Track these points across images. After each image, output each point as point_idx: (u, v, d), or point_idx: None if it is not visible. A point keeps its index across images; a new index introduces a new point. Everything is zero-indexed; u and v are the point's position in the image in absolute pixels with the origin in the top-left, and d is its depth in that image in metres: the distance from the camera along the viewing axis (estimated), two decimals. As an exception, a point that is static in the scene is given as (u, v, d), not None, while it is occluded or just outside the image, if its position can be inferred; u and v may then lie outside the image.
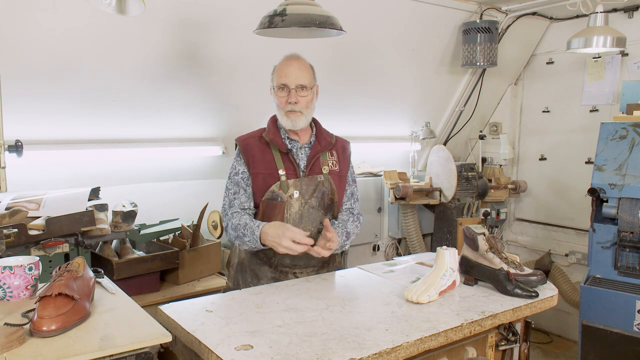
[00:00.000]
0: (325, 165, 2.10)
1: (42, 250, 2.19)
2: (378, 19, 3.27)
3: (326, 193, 2.08)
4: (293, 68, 2.02)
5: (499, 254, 1.90)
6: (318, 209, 2.07)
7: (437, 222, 3.94)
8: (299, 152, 2.09)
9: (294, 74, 2.01)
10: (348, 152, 2.22)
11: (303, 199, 2.04)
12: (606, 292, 2.68)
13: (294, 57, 2.07)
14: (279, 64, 2.06)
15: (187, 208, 3.09)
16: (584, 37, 2.89)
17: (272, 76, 2.08)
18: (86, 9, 2.30)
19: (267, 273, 2.08)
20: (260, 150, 2.06)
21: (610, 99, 3.66)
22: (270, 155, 2.05)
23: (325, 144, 2.12)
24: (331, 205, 2.11)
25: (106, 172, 2.84)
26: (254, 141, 2.09)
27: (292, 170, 2.04)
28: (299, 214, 2.04)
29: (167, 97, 2.85)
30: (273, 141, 2.05)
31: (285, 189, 2.02)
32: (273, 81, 2.07)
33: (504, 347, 1.82)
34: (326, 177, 2.08)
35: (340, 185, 2.14)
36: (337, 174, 2.13)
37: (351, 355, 1.33)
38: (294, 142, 2.09)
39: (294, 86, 2.01)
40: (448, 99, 4.14)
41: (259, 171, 2.04)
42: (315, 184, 2.06)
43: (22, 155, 2.10)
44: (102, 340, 1.29)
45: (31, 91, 2.46)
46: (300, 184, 2.03)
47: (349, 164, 2.22)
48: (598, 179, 2.83)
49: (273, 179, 2.02)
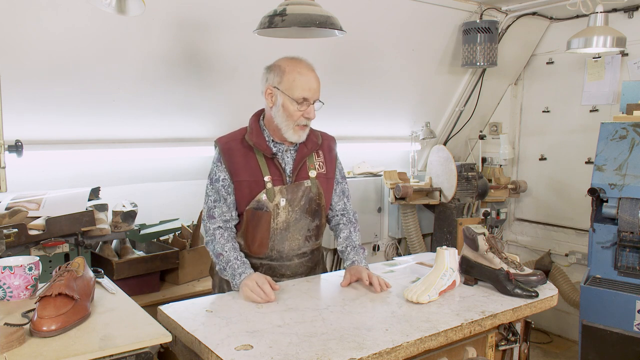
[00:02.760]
0: (312, 169, 1.98)
1: (42, 250, 2.19)
2: (378, 19, 3.27)
3: (313, 198, 1.97)
4: (314, 81, 1.88)
5: (499, 254, 1.90)
6: (305, 215, 1.97)
7: (437, 222, 3.94)
8: (285, 155, 1.96)
9: (316, 88, 1.89)
10: (334, 150, 2.09)
11: (290, 207, 1.93)
12: (606, 292, 2.68)
13: (310, 66, 1.92)
14: (295, 72, 1.87)
15: (187, 208, 3.09)
16: (584, 37, 2.88)
17: (281, 80, 1.88)
18: (86, 9, 2.30)
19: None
20: (243, 155, 1.92)
21: (610, 99, 3.66)
22: (254, 160, 1.92)
23: (311, 145, 2.00)
24: (318, 210, 2.00)
25: (106, 172, 2.84)
26: (236, 144, 1.94)
27: (277, 175, 1.92)
28: (285, 223, 1.94)
29: (167, 97, 2.85)
30: (257, 145, 1.92)
31: (272, 197, 1.90)
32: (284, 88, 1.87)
33: (504, 347, 1.82)
34: (313, 182, 1.97)
35: (327, 188, 2.03)
36: (324, 176, 2.02)
37: (351, 355, 1.33)
38: (278, 145, 1.96)
39: (313, 101, 1.88)
40: (448, 99, 4.14)
41: (243, 179, 1.91)
42: (302, 190, 1.95)
43: (22, 155, 2.10)
44: (102, 340, 1.29)
45: (31, 91, 2.46)
46: (287, 191, 1.92)
47: (336, 162, 2.10)
48: (598, 179, 2.83)
49: (259, 186, 1.90)
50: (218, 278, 2.09)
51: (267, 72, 1.95)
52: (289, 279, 2.00)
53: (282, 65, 1.90)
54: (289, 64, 1.90)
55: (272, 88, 1.92)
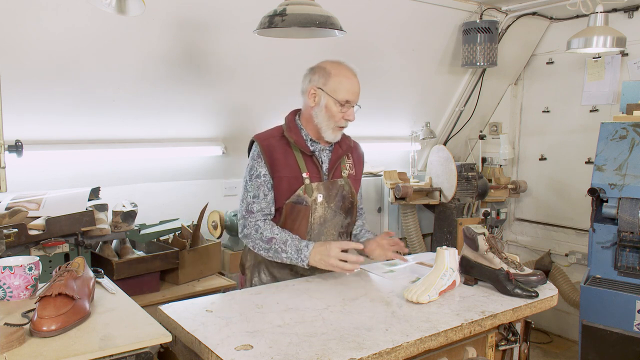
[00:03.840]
0: (344, 169, 2.11)
1: (42, 250, 2.19)
2: (378, 19, 3.27)
3: (346, 196, 2.08)
4: (357, 86, 1.98)
5: (499, 254, 1.90)
6: (340, 212, 2.07)
7: (437, 222, 3.94)
8: (321, 154, 2.06)
9: (358, 92, 1.98)
10: (362, 156, 2.23)
11: (326, 203, 2.02)
12: (606, 292, 2.68)
13: (354, 72, 2.00)
14: (342, 75, 1.96)
15: (187, 208, 3.09)
16: (584, 37, 2.88)
17: (327, 82, 1.95)
18: (86, 9, 2.30)
19: (287, 276, 2.05)
20: (283, 152, 2.00)
21: (610, 99, 3.66)
22: (292, 157, 2.00)
23: (345, 147, 2.11)
24: (351, 209, 2.11)
25: (106, 172, 2.84)
26: (275, 142, 2.02)
27: (315, 173, 2.01)
28: (322, 217, 2.03)
29: (167, 97, 2.85)
30: (297, 143, 2.00)
31: (310, 192, 1.99)
32: (329, 89, 1.94)
33: (504, 347, 1.82)
34: (346, 181, 2.09)
35: (356, 189, 2.15)
36: (354, 177, 2.14)
37: (351, 355, 1.33)
38: (316, 144, 2.06)
39: (354, 104, 1.98)
40: (448, 99, 4.14)
41: (284, 175, 1.99)
42: (337, 188, 2.05)
43: (22, 155, 2.09)
44: (102, 340, 1.29)
45: (31, 91, 2.46)
46: (324, 187, 2.02)
47: (363, 167, 2.23)
48: (598, 179, 2.83)
49: (297, 182, 1.99)
50: (250, 273, 2.12)
51: (310, 73, 2.03)
52: (320, 274, 2.05)
53: (327, 68, 1.98)
54: (334, 67, 1.98)
55: (315, 89, 1.98)
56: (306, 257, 1.88)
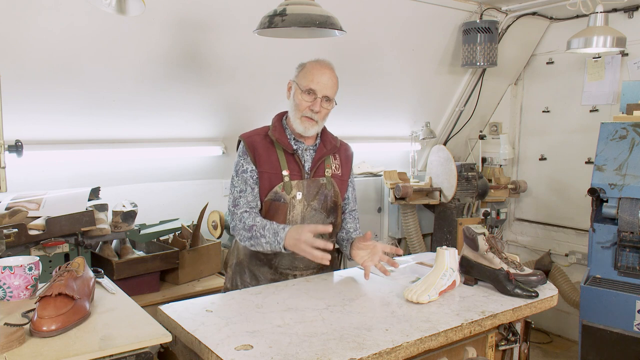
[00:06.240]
0: (328, 168, 2.09)
1: (42, 250, 2.19)
2: (378, 19, 3.27)
3: (329, 196, 2.07)
4: (326, 77, 1.98)
5: (499, 254, 1.90)
6: (320, 211, 2.06)
7: (437, 222, 3.94)
8: (304, 153, 2.07)
9: (325, 83, 1.97)
10: (350, 157, 2.21)
11: (306, 201, 2.02)
12: (606, 292, 2.68)
13: (328, 65, 2.02)
14: (311, 66, 2.00)
15: (187, 208, 3.09)
16: (584, 37, 2.89)
17: (298, 73, 2.02)
18: (86, 9, 2.30)
19: (267, 274, 2.07)
20: (265, 149, 2.03)
21: (610, 99, 3.66)
22: (274, 155, 2.03)
23: (330, 147, 2.11)
24: (334, 209, 2.10)
25: (106, 172, 2.84)
26: (259, 139, 2.05)
27: (296, 171, 2.03)
28: (300, 215, 2.02)
29: (167, 97, 2.85)
30: (279, 141, 2.03)
31: (289, 190, 2.00)
32: (298, 80, 2.00)
33: (504, 347, 1.82)
34: (329, 180, 2.08)
35: (342, 189, 2.13)
36: (339, 178, 2.13)
37: (351, 355, 1.33)
38: (299, 143, 2.07)
39: (321, 95, 1.97)
40: (448, 99, 4.14)
41: (265, 170, 2.02)
42: (318, 186, 2.05)
43: (22, 155, 2.10)
44: (102, 340, 1.29)
45: (31, 91, 2.46)
46: (303, 185, 2.02)
47: (351, 168, 2.22)
48: (598, 179, 2.83)
49: (277, 179, 2.01)
50: (232, 272, 2.15)
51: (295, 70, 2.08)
52: (302, 272, 2.06)
53: (305, 63, 2.04)
54: (311, 61, 2.03)
55: (291, 82, 2.05)
56: (282, 239, 1.87)
